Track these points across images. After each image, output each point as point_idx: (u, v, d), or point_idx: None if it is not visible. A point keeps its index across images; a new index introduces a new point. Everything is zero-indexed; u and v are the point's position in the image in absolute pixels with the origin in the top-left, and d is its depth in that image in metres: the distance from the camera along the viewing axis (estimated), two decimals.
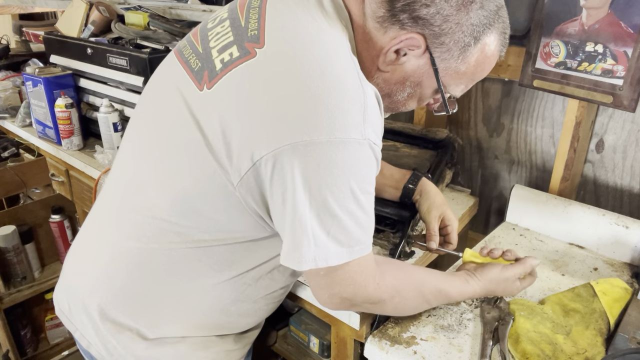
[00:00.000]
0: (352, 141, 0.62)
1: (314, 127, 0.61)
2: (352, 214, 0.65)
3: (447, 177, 1.23)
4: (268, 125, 0.63)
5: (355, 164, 0.64)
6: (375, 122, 0.65)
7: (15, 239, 1.86)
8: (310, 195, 0.63)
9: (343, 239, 0.66)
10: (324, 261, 0.66)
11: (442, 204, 0.97)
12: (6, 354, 1.94)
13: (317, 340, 1.26)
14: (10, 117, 1.89)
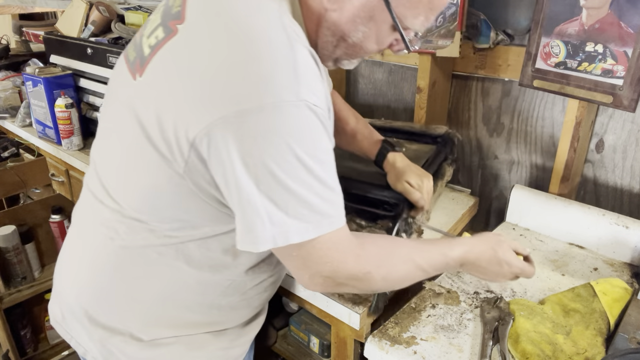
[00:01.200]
0: (285, 104, 0.58)
1: (243, 96, 0.57)
2: (308, 185, 0.61)
3: (447, 173, 1.22)
4: (197, 101, 0.60)
5: (295, 128, 0.59)
6: (313, 82, 0.61)
7: (15, 239, 1.86)
8: (252, 170, 0.59)
9: (304, 214, 0.62)
10: (283, 239, 0.62)
11: (403, 173, 0.97)
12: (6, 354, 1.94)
13: (317, 340, 1.26)
14: (10, 117, 1.89)
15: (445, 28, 1.18)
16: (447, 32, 1.18)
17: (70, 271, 0.82)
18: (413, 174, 0.98)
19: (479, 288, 0.94)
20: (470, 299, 0.91)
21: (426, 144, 1.24)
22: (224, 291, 0.78)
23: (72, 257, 0.82)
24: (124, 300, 0.76)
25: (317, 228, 0.63)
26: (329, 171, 0.64)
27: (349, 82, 1.63)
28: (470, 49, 1.24)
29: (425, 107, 1.30)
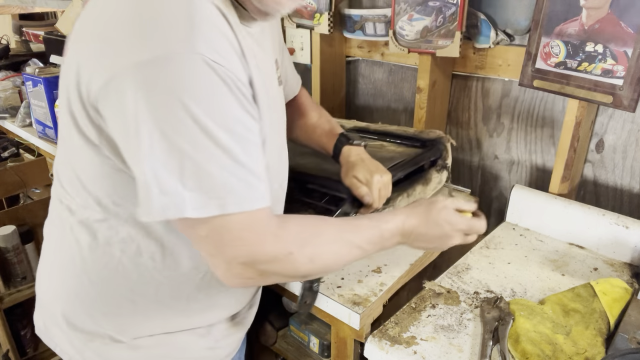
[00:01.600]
0: (177, 56, 0.54)
1: (135, 48, 0.54)
2: (209, 154, 0.56)
3: (433, 179, 1.16)
4: (97, 59, 0.58)
5: (190, 84, 0.55)
6: (215, 39, 0.57)
7: (15, 239, 1.86)
8: (145, 129, 0.55)
9: (203, 186, 0.57)
10: (176, 211, 0.56)
11: (352, 166, 0.92)
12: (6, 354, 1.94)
13: (317, 340, 1.26)
14: (10, 117, 1.89)
15: (445, 28, 1.18)
16: (447, 32, 1.18)
17: (45, 278, 0.81)
18: (363, 168, 0.92)
19: (479, 288, 0.94)
20: (470, 299, 0.91)
21: (413, 148, 1.20)
22: (198, 284, 0.75)
23: (45, 264, 0.81)
24: (97, 301, 0.75)
25: (222, 206, 0.58)
26: (242, 145, 0.59)
27: (349, 82, 1.63)
28: (470, 49, 1.24)
29: (425, 107, 1.30)
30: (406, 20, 1.24)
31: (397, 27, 1.26)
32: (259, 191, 0.61)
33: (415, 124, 1.33)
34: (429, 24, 1.20)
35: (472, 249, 1.06)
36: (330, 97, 1.59)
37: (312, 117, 1.05)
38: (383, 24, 1.37)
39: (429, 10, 1.18)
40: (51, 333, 0.82)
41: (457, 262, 1.02)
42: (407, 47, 1.26)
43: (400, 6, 1.24)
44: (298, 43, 1.57)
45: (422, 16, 1.20)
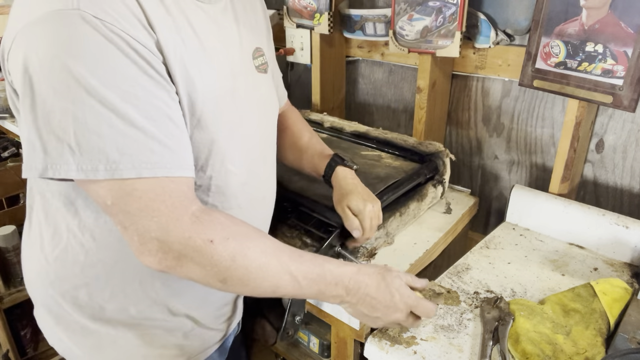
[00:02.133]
0: (55, 13, 0.53)
1: (27, 11, 0.55)
2: (95, 113, 0.54)
3: (428, 195, 1.14)
4: (9, 25, 0.59)
5: (67, 42, 0.53)
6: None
7: (15, 239, 1.86)
8: (29, 89, 0.55)
9: (91, 147, 0.55)
10: (55, 171, 0.55)
11: (347, 193, 0.88)
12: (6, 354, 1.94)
13: (317, 340, 1.26)
14: (10, 117, 1.89)
15: (445, 28, 1.18)
16: (447, 32, 1.18)
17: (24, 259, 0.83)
18: (357, 197, 0.88)
19: (479, 288, 0.94)
20: (470, 299, 0.91)
21: (412, 162, 1.20)
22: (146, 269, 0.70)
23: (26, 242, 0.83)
24: (55, 283, 0.76)
25: (114, 170, 0.56)
26: (139, 107, 0.57)
27: (349, 82, 1.63)
28: (470, 49, 1.24)
29: (425, 107, 1.30)
30: (406, 20, 1.24)
31: (397, 27, 1.26)
32: (166, 158, 0.59)
33: (415, 124, 1.33)
34: (429, 24, 1.20)
35: (472, 249, 1.06)
36: (330, 97, 1.59)
37: (303, 136, 1.02)
38: (383, 24, 1.37)
39: (429, 10, 1.18)
40: (38, 313, 0.84)
41: (457, 262, 1.02)
42: (407, 47, 1.26)
43: (400, 6, 1.24)
44: (298, 43, 1.57)
45: (422, 16, 1.20)
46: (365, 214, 0.88)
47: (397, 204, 1.07)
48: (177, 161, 0.60)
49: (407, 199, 1.10)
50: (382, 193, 1.02)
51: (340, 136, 1.35)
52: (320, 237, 0.95)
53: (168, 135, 0.60)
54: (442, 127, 1.40)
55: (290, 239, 0.97)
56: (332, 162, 0.95)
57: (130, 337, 0.77)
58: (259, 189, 0.84)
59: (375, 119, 1.60)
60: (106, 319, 0.77)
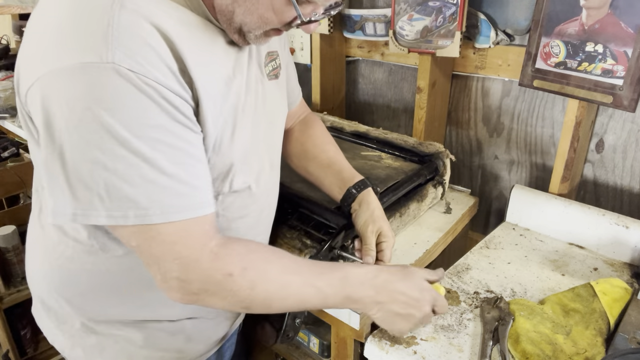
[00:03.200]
0: (88, 66, 0.53)
1: (54, 56, 0.55)
2: (127, 163, 0.55)
3: (428, 195, 1.14)
4: (29, 62, 0.59)
5: (100, 94, 0.54)
6: (133, 47, 0.56)
7: (15, 239, 1.86)
8: (58, 137, 0.55)
9: (122, 194, 0.56)
10: (84, 217, 0.57)
11: (379, 218, 0.88)
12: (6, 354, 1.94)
13: (317, 340, 1.26)
14: (10, 117, 1.89)
15: (445, 28, 1.18)
16: (447, 32, 1.18)
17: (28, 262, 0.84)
18: (388, 225, 0.88)
19: (479, 288, 0.94)
20: (470, 299, 0.91)
21: (411, 163, 1.19)
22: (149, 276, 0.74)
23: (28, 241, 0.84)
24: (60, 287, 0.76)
25: (144, 216, 0.57)
26: (168, 154, 0.58)
27: (349, 82, 1.63)
28: (470, 49, 1.24)
29: (425, 107, 1.30)
30: (406, 20, 1.24)
31: (397, 27, 1.26)
32: (196, 199, 0.60)
33: (415, 124, 1.33)
34: (429, 24, 1.20)
35: (472, 249, 1.06)
36: (330, 97, 1.59)
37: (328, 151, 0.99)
38: (383, 24, 1.37)
39: (429, 10, 1.18)
40: (37, 313, 0.84)
41: (457, 262, 1.02)
42: (407, 47, 1.26)
43: (400, 6, 1.24)
44: (298, 43, 1.57)
45: (422, 16, 1.20)
46: (391, 244, 0.87)
47: (397, 204, 1.07)
48: (202, 200, 0.62)
49: (407, 199, 1.09)
50: (383, 195, 1.02)
51: (341, 136, 1.34)
52: (320, 239, 0.95)
53: (194, 176, 0.61)
54: (442, 127, 1.40)
55: (290, 240, 0.97)
56: (362, 183, 0.93)
57: (133, 338, 0.78)
58: (267, 196, 0.85)
59: (375, 119, 1.60)
60: (110, 321, 0.77)
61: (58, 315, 0.79)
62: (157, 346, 0.79)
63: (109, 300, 0.76)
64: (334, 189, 0.95)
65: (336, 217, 0.95)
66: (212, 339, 0.86)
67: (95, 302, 0.76)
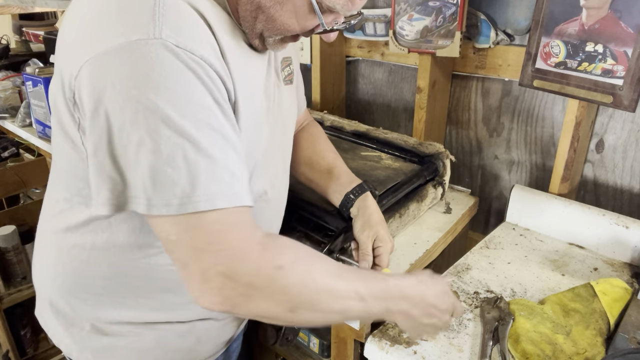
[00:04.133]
0: (135, 43, 0.52)
1: (99, 39, 0.54)
2: (172, 143, 0.53)
3: (428, 196, 1.14)
4: (73, 53, 0.58)
5: (148, 71, 0.52)
6: (180, 23, 0.55)
7: (15, 239, 1.86)
8: (103, 119, 0.54)
9: (165, 180, 0.53)
10: (128, 205, 0.55)
11: (377, 223, 0.88)
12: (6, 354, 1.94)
13: (317, 340, 1.26)
14: (10, 117, 1.89)
15: (445, 28, 1.18)
16: (447, 32, 1.18)
17: (35, 264, 0.84)
18: (386, 230, 0.88)
19: (479, 288, 0.94)
20: (470, 299, 0.91)
21: (411, 163, 1.19)
22: (171, 278, 0.73)
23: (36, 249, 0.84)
24: (72, 289, 0.76)
25: (187, 203, 0.54)
26: (211, 138, 0.56)
27: (349, 82, 1.63)
28: (470, 49, 1.24)
29: (425, 107, 1.30)
30: (406, 20, 1.24)
31: (397, 27, 1.26)
32: (235, 188, 0.57)
33: (415, 124, 1.33)
34: (429, 24, 1.20)
35: (472, 249, 1.06)
36: (330, 97, 1.59)
37: (327, 157, 1.00)
38: (383, 24, 1.37)
39: (429, 10, 1.18)
40: (43, 316, 0.84)
41: (457, 262, 1.02)
42: (407, 47, 1.26)
43: (400, 6, 1.24)
44: (298, 43, 1.57)
45: (422, 16, 1.20)
46: (388, 249, 0.87)
47: (396, 205, 1.07)
48: (244, 190, 0.59)
49: (407, 200, 1.09)
50: (382, 197, 1.02)
51: (341, 136, 1.34)
52: (319, 241, 0.95)
53: (234, 164, 0.59)
54: (442, 127, 1.40)
55: None
56: (360, 188, 0.93)
57: (143, 339, 0.77)
58: (279, 202, 0.86)
59: (375, 119, 1.60)
60: (121, 323, 0.77)
61: (68, 317, 0.78)
62: (168, 347, 0.79)
63: (123, 303, 0.75)
64: (334, 195, 0.95)
65: (335, 220, 0.96)
66: (221, 339, 0.86)
67: (109, 304, 0.76)
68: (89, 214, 0.71)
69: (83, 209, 0.71)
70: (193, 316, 0.80)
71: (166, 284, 0.75)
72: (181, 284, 0.73)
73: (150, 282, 0.74)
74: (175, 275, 0.72)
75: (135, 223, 0.69)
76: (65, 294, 0.77)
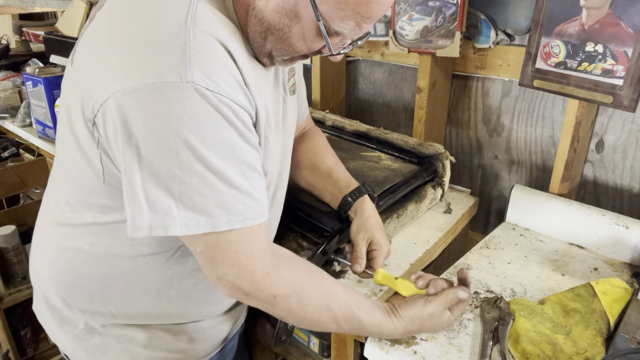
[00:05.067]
0: (168, 85, 0.56)
1: (129, 74, 0.57)
2: (201, 177, 0.59)
3: (427, 197, 1.13)
4: (98, 79, 0.61)
5: (180, 113, 0.57)
6: (209, 66, 0.59)
7: (15, 239, 1.86)
8: (134, 152, 0.58)
9: (195, 205, 0.60)
10: (162, 229, 0.60)
11: (373, 227, 0.89)
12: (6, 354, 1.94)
13: (317, 340, 1.26)
14: (10, 117, 1.89)
15: (445, 28, 1.18)
16: (447, 32, 1.18)
17: (32, 259, 0.85)
18: (382, 234, 0.90)
19: (479, 288, 0.94)
20: (470, 299, 0.91)
21: (411, 164, 1.19)
22: (167, 282, 0.76)
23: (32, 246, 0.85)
24: (69, 288, 0.77)
25: (212, 224, 0.61)
26: (234, 167, 0.62)
27: (349, 82, 1.63)
28: (470, 49, 1.24)
29: (425, 107, 1.30)
30: (406, 20, 1.24)
31: (397, 27, 1.26)
32: (254, 211, 0.65)
33: (415, 124, 1.33)
34: (429, 24, 1.20)
35: (472, 249, 1.06)
36: (330, 97, 1.59)
37: (327, 161, 1.02)
38: (383, 24, 1.37)
39: (429, 10, 1.18)
40: (39, 311, 0.85)
41: (457, 262, 1.02)
42: (407, 47, 1.26)
43: (400, 6, 1.24)
44: None
45: (422, 16, 1.20)
46: (383, 253, 0.88)
47: (394, 205, 1.07)
48: (260, 210, 0.66)
49: (405, 200, 1.09)
50: (379, 198, 1.02)
51: (341, 136, 1.34)
52: (315, 242, 0.96)
53: (255, 187, 0.65)
54: (442, 127, 1.40)
55: (287, 242, 0.98)
56: (358, 191, 0.95)
57: (136, 339, 0.78)
58: (277, 207, 0.87)
59: (376, 119, 1.60)
60: (115, 322, 0.78)
61: (62, 315, 0.79)
62: (160, 346, 0.80)
63: (117, 304, 0.76)
64: (333, 198, 0.97)
65: (331, 221, 0.96)
66: (215, 339, 0.87)
67: (103, 305, 0.77)
68: (94, 218, 0.72)
69: (88, 212, 0.72)
70: (187, 318, 0.81)
71: (162, 288, 0.76)
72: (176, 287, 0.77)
73: (146, 285, 0.76)
74: (172, 279, 0.76)
75: None
76: (61, 293, 0.78)
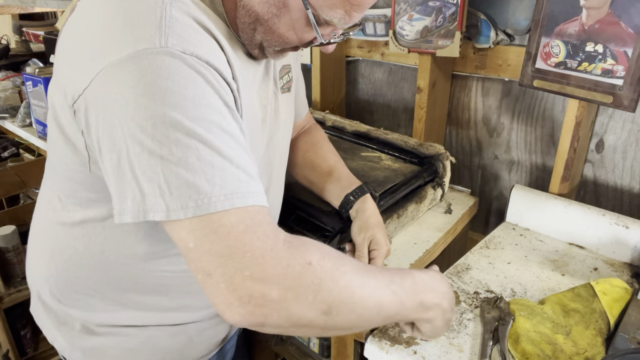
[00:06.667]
0: (142, 52, 0.53)
1: (107, 53, 0.54)
2: (184, 147, 0.52)
3: (427, 197, 1.13)
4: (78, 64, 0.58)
5: (155, 78, 0.52)
6: (186, 32, 0.56)
7: (15, 239, 1.86)
8: (116, 131, 0.54)
9: (181, 183, 0.52)
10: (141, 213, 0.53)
11: (374, 226, 0.88)
12: (6, 354, 1.94)
13: (317, 340, 1.26)
14: (10, 117, 1.89)
15: (445, 28, 1.18)
16: (447, 32, 1.18)
17: (29, 259, 0.84)
18: (383, 233, 0.89)
19: (479, 288, 0.94)
20: (470, 299, 0.91)
21: (411, 164, 1.19)
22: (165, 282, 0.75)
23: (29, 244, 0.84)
24: (64, 289, 0.77)
25: (204, 205, 0.51)
26: (222, 138, 0.55)
27: (349, 82, 1.63)
28: (470, 49, 1.24)
29: (425, 107, 1.30)
30: (406, 20, 1.24)
31: (397, 27, 1.26)
32: (252, 187, 0.56)
33: (415, 124, 1.33)
34: (429, 24, 1.20)
35: (472, 249, 1.06)
36: (330, 97, 1.59)
37: (329, 160, 1.00)
38: (383, 24, 1.37)
39: (429, 10, 1.18)
40: (37, 312, 0.84)
41: (457, 262, 1.02)
42: (407, 47, 1.26)
43: (400, 6, 1.24)
44: None
45: (422, 16, 1.20)
46: (383, 253, 0.87)
47: (394, 205, 1.07)
48: (260, 190, 0.57)
49: (406, 201, 1.09)
50: (380, 198, 1.02)
51: (341, 136, 1.34)
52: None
53: (248, 165, 0.57)
54: (442, 127, 1.40)
55: None
56: (360, 190, 0.93)
57: (133, 340, 0.78)
58: (273, 208, 0.86)
59: (376, 119, 1.60)
60: (113, 323, 0.77)
61: (59, 316, 0.79)
62: (158, 348, 0.79)
63: (114, 305, 0.76)
64: (334, 197, 0.96)
65: (332, 220, 0.96)
66: (214, 340, 0.86)
67: (99, 306, 0.76)
68: (83, 215, 0.71)
69: (77, 209, 0.72)
70: (185, 319, 0.80)
71: (159, 288, 0.76)
72: (173, 288, 0.75)
73: (142, 286, 0.75)
74: (168, 279, 0.74)
75: (130, 228, 0.69)
76: (57, 294, 0.78)
